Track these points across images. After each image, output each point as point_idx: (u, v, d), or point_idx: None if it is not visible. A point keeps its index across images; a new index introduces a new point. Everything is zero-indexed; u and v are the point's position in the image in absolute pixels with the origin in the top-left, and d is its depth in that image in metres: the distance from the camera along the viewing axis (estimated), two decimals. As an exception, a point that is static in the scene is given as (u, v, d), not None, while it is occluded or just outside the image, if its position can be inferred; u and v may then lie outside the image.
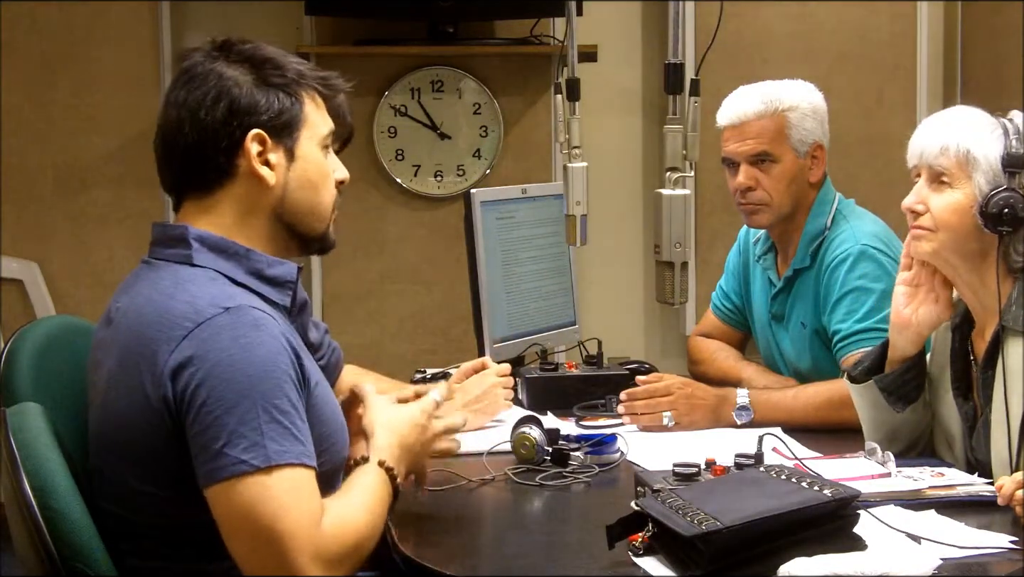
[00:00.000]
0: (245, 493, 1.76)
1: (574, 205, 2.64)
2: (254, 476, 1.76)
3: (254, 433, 1.77)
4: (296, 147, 1.97)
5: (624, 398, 2.77)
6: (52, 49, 4.53)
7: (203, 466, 1.78)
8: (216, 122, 1.92)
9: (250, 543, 1.77)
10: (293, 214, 1.99)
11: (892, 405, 2.42)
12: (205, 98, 1.92)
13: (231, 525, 1.78)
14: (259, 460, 1.76)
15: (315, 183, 1.99)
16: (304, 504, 1.78)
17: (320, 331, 2.67)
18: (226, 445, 1.76)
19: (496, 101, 4.74)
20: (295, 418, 1.82)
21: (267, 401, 1.79)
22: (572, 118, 2.63)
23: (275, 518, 1.75)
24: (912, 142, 2.34)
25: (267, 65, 1.95)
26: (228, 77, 1.93)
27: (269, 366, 1.81)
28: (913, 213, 2.33)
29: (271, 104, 1.94)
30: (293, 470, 1.79)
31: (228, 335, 1.81)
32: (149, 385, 1.82)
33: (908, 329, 2.40)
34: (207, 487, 1.78)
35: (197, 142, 1.93)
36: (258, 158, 1.94)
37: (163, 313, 1.85)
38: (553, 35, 4.66)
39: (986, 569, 1.90)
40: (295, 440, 1.80)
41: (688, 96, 2.38)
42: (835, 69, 4.69)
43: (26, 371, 2.06)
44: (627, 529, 1.90)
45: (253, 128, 1.93)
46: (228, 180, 1.95)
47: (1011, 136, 2.24)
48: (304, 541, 1.76)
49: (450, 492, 2.32)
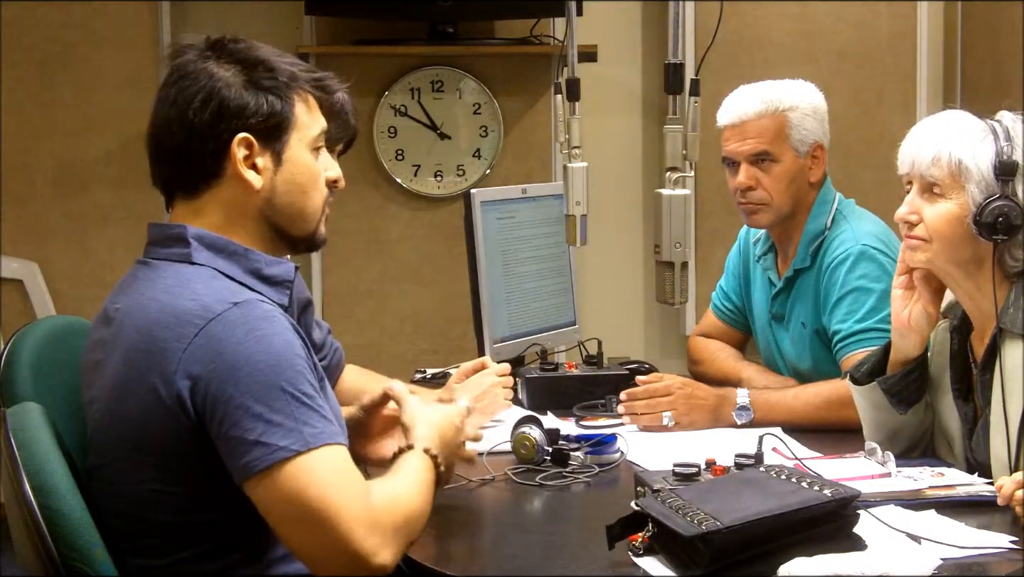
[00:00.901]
0: (290, 478, 1.76)
1: (574, 205, 2.64)
2: (296, 460, 1.77)
3: (288, 420, 1.78)
4: (284, 150, 1.96)
5: (624, 398, 2.77)
6: (52, 49, 4.53)
7: (240, 459, 1.78)
8: (204, 124, 1.91)
9: (304, 527, 1.77)
10: (281, 216, 1.98)
11: (895, 407, 2.42)
12: (194, 99, 1.91)
13: (279, 512, 1.78)
14: (298, 444, 1.77)
15: (303, 186, 1.99)
16: (349, 479, 1.80)
17: (323, 331, 2.67)
18: (262, 435, 1.77)
19: (496, 101, 4.74)
20: (319, 400, 1.83)
21: (293, 387, 1.80)
22: (572, 118, 2.62)
23: (324, 498, 1.76)
24: (902, 150, 2.33)
25: (259, 67, 1.94)
26: (219, 78, 1.92)
27: (288, 354, 1.83)
28: (907, 224, 2.33)
29: (260, 107, 1.93)
30: (331, 449, 1.80)
31: (242, 329, 1.82)
32: (160, 384, 1.82)
33: (909, 331, 2.40)
34: (247, 479, 1.78)
35: (185, 143, 1.93)
36: (245, 162, 1.93)
37: (170, 311, 1.85)
38: (553, 35, 4.66)
39: (986, 569, 1.90)
40: (326, 420, 1.82)
41: (688, 96, 2.38)
42: (835, 69, 4.69)
43: (26, 371, 2.06)
44: (627, 529, 1.90)
45: (240, 132, 1.92)
46: (215, 181, 1.95)
47: (1001, 141, 2.24)
48: (358, 513, 1.77)
49: (450, 492, 2.31)
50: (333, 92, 2.04)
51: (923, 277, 2.38)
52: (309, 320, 2.09)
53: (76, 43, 4.54)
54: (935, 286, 2.39)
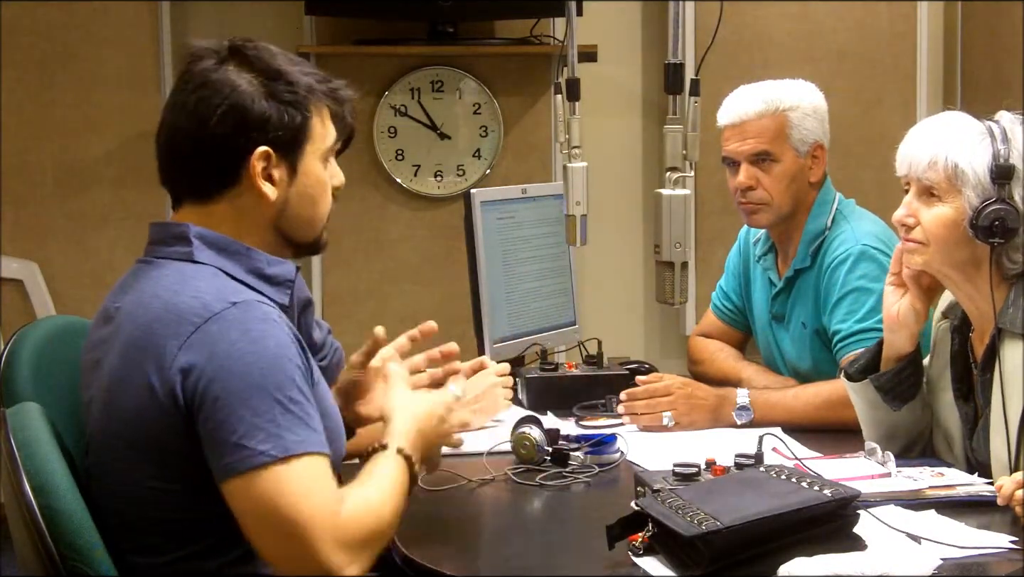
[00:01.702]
0: (265, 484, 1.77)
1: (574, 205, 2.64)
2: (273, 467, 1.77)
3: (270, 424, 1.78)
4: (300, 162, 1.97)
5: (624, 398, 2.77)
6: (52, 49, 4.53)
7: (220, 460, 1.79)
8: (224, 135, 1.92)
9: (272, 534, 1.78)
10: (289, 225, 2.00)
11: (888, 403, 2.43)
12: (216, 109, 1.91)
13: (252, 517, 1.79)
14: (277, 450, 1.77)
15: (314, 197, 2.00)
16: (323, 492, 1.80)
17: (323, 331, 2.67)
18: (243, 437, 1.77)
19: (496, 101, 4.74)
20: (307, 407, 1.83)
21: (281, 392, 1.80)
22: (572, 118, 2.62)
23: (296, 508, 1.76)
24: (900, 153, 2.33)
25: (279, 79, 1.94)
26: (241, 90, 1.92)
27: (280, 357, 1.83)
28: (904, 227, 2.33)
29: (281, 120, 1.93)
30: (311, 459, 1.80)
31: (237, 329, 1.82)
32: (157, 380, 1.82)
33: (899, 326, 2.41)
34: (225, 480, 1.79)
35: (203, 151, 1.93)
36: (262, 173, 1.94)
37: (170, 309, 1.85)
38: (553, 35, 4.66)
39: (986, 569, 1.90)
40: (310, 429, 1.82)
41: (688, 96, 2.38)
42: (835, 69, 4.69)
43: (26, 371, 2.07)
44: (627, 529, 1.90)
45: (261, 144, 1.92)
46: (229, 190, 1.95)
47: (998, 143, 2.23)
48: (325, 528, 1.77)
49: (450, 492, 2.32)
50: (345, 102, 2.04)
51: (913, 275, 2.39)
52: (309, 320, 2.09)
53: (76, 43, 4.53)
54: (925, 284, 2.39)
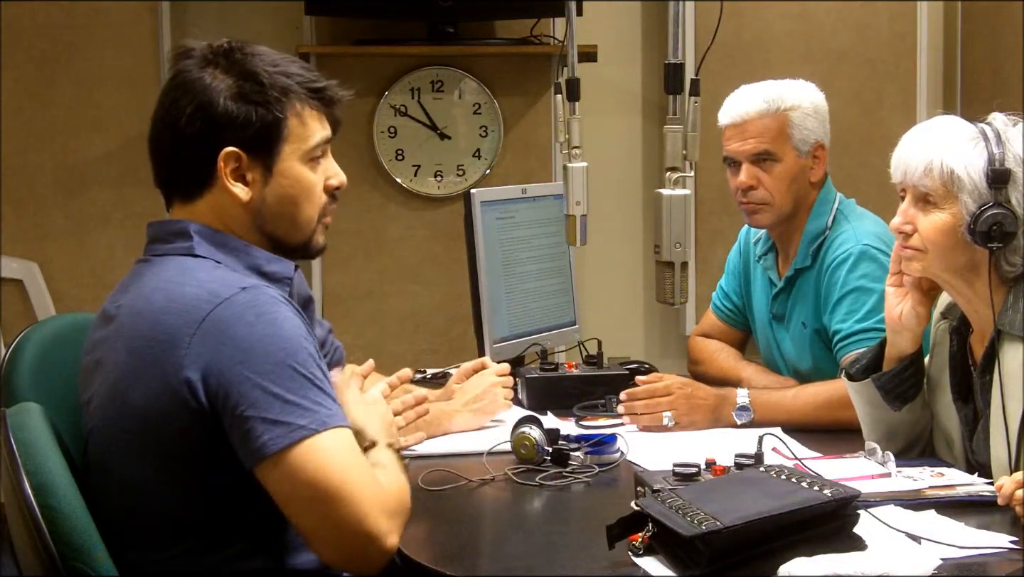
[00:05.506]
0: (310, 456, 1.78)
1: (574, 205, 2.64)
2: (314, 439, 1.79)
3: (304, 400, 1.80)
4: (275, 163, 1.97)
5: (624, 398, 2.77)
6: (52, 49, 4.53)
7: (257, 440, 1.79)
8: (193, 135, 1.93)
9: (319, 507, 1.78)
10: (272, 226, 2.00)
11: (889, 403, 2.43)
12: (186, 109, 1.93)
13: (294, 493, 1.79)
14: (316, 424, 1.79)
15: (294, 198, 1.99)
16: (363, 462, 1.83)
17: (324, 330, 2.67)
18: (281, 413, 1.78)
19: (496, 101, 4.74)
20: (328, 384, 1.85)
21: (306, 369, 1.82)
22: (572, 118, 2.63)
23: (343, 478, 1.78)
24: (895, 159, 2.33)
25: (251, 79, 1.94)
26: (212, 89, 1.93)
27: (299, 337, 1.85)
28: (901, 234, 2.33)
29: (249, 120, 1.93)
30: (345, 431, 1.83)
31: (252, 312, 1.83)
32: (168, 371, 1.82)
33: (901, 328, 2.40)
34: (262, 460, 1.79)
35: (177, 150, 1.96)
36: (233, 174, 1.95)
37: (176, 299, 1.86)
38: (553, 35, 4.66)
39: (986, 569, 1.90)
40: (336, 403, 1.85)
41: (688, 96, 2.38)
42: (835, 69, 4.69)
43: (28, 371, 2.07)
44: (627, 529, 1.90)
45: (228, 145, 1.93)
46: (207, 190, 1.97)
47: (993, 147, 2.23)
48: (374, 494, 1.80)
49: (450, 492, 2.32)
50: (333, 103, 2.03)
51: (913, 280, 2.39)
52: (311, 317, 2.09)
53: (76, 43, 4.53)
54: (925, 287, 2.39)
